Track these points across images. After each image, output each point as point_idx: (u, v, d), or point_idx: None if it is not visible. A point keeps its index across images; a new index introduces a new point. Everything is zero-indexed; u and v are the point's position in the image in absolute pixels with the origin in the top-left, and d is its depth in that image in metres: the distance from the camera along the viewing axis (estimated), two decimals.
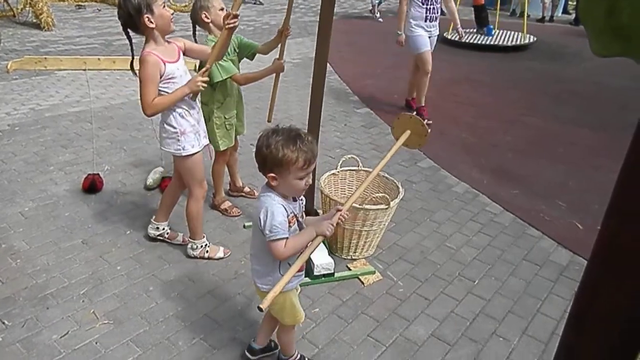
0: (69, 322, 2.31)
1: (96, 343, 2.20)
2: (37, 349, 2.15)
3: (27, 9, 8.45)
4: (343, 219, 1.81)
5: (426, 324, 2.43)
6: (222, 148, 3.08)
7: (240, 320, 2.39)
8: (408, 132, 2.36)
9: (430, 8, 4.85)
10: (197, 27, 2.96)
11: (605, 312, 0.95)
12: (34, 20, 8.32)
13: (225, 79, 2.86)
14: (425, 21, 4.89)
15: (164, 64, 2.36)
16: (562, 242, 3.15)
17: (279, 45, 3.02)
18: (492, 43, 8.57)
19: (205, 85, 2.47)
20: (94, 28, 8.56)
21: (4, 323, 2.28)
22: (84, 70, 6.16)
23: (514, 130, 5.08)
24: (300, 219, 1.81)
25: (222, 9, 2.83)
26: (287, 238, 1.68)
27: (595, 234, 0.88)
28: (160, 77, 2.38)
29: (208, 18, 2.82)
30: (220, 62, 2.77)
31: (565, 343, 1.07)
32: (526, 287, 2.74)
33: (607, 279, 0.96)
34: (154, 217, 2.89)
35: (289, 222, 1.71)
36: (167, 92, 2.42)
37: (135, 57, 2.45)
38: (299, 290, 2.01)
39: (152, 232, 2.88)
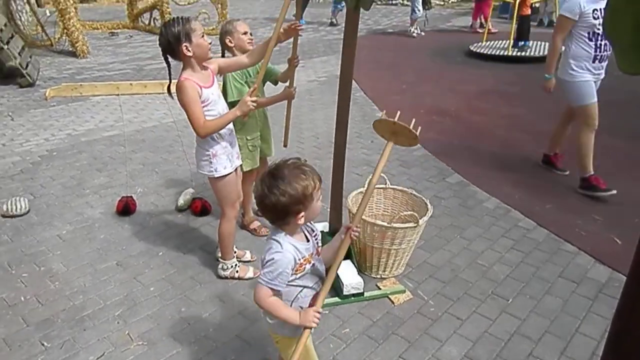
0: (104, 344, 2.36)
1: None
2: None
3: (63, 37, 8.85)
4: (355, 236, 1.75)
5: (459, 344, 2.37)
6: (245, 169, 3.10)
7: (270, 341, 2.37)
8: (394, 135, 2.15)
9: (601, 45, 3.67)
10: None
11: None
12: (70, 49, 8.70)
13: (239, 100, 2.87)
14: (594, 62, 3.72)
15: (201, 88, 2.44)
16: (599, 257, 3.05)
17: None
18: (520, 54, 8.45)
19: (255, 104, 2.49)
20: (126, 54, 8.88)
21: (43, 345, 2.35)
22: (117, 95, 6.39)
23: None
24: (316, 257, 1.72)
25: (245, 33, 2.90)
26: (278, 291, 1.62)
27: (634, 249, 0.86)
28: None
29: (232, 42, 2.90)
30: (235, 83, 2.88)
31: (615, 330, 1.03)
32: (563, 305, 2.65)
33: None
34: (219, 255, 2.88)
35: (302, 264, 1.64)
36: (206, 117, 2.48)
37: (172, 82, 2.55)
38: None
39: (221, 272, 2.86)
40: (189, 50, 2.39)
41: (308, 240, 1.71)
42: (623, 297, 1.05)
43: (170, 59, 2.49)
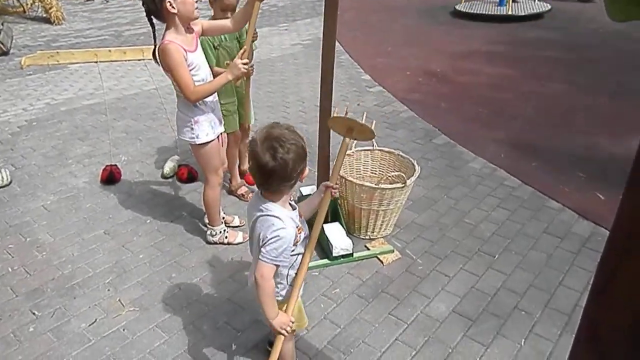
0: (96, 311, 2.37)
1: (123, 330, 2.26)
2: (67, 337, 2.22)
3: (36, 4, 8.50)
4: (335, 194, 1.75)
5: (447, 300, 2.43)
6: (227, 130, 2.98)
7: None
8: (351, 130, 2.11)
9: None
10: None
11: (629, 285, 0.94)
12: (44, 15, 8.37)
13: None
14: None
15: (186, 52, 2.35)
16: (583, 213, 3.11)
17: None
18: (504, 13, 8.35)
19: (246, 68, 2.39)
20: (103, 20, 8.57)
21: (34, 314, 2.35)
22: (96, 62, 6.20)
23: (531, 102, 4.98)
24: (302, 220, 1.71)
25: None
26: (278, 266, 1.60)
27: (617, 204, 0.86)
28: None
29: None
30: (209, 49, 2.78)
31: (588, 316, 1.06)
32: (547, 260, 2.71)
33: (629, 251, 0.94)
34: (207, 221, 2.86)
35: (297, 235, 1.62)
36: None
37: (157, 45, 2.43)
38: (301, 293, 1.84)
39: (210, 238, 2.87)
40: (173, 7, 2.27)
41: (294, 208, 1.69)
42: (606, 251, 1.07)
43: (155, 21, 2.38)
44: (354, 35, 7.51)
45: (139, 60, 6.22)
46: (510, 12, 8.32)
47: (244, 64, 2.36)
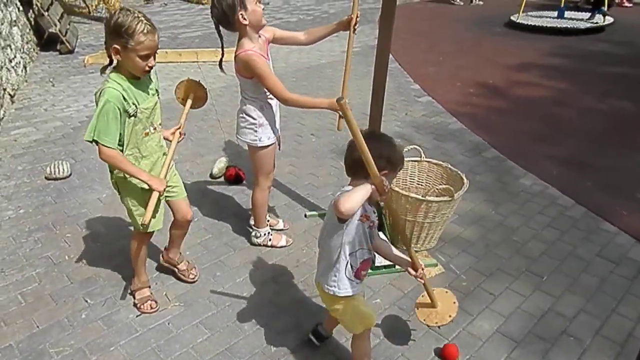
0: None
1: (168, 324, 2.33)
2: (116, 326, 2.31)
3: (100, 5, 8.94)
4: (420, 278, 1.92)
5: (491, 319, 2.37)
6: (145, 230, 2.27)
7: (302, 307, 2.44)
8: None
9: None
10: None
11: None
12: (107, 16, 8.80)
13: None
14: None
15: (266, 60, 2.44)
16: None
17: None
18: (562, 26, 8.07)
19: (346, 104, 2.48)
20: (160, 22, 8.90)
21: (86, 301, 2.46)
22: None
23: (590, 118, 4.79)
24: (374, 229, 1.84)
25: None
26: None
27: None
28: None
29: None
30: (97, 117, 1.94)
31: None
32: (600, 285, 2.59)
33: None
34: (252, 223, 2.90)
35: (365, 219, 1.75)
36: None
37: (224, 55, 2.50)
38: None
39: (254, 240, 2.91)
40: (245, 19, 2.33)
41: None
42: None
43: (222, 30, 2.42)
44: (404, 44, 7.47)
45: (193, 62, 6.42)
46: (567, 25, 8.04)
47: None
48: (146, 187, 2.12)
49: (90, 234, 3.00)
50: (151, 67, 1.98)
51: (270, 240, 2.88)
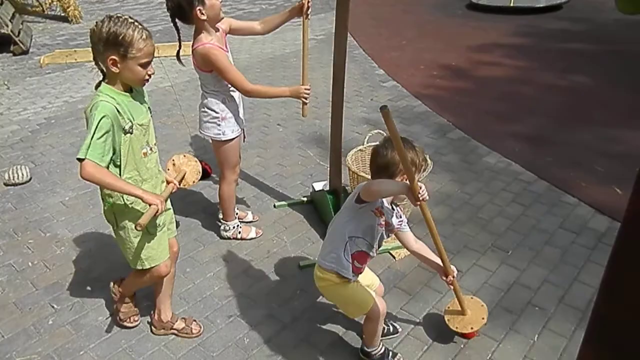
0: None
1: (139, 323, 2.30)
2: (85, 330, 2.27)
3: (54, 3, 8.64)
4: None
5: None
6: (150, 264, 2.03)
7: (274, 298, 2.44)
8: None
9: None
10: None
11: (638, 280, 0.94)
12: (62, 14, 8.51)
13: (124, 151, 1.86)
14: None
15: (225, 53, 2.42)
16: (600, 208, 3.06)
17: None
18: (521, 5, 8.21)
19: (308, 94, 2.53)
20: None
21: (53, 307, 2.41)
22: None
23: (550, 95, 4.90)
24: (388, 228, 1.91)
25: (146, 61, 1.82)
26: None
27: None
28: None
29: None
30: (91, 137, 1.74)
31: (598, 312, 1.06)
32: (562, 255, 2.68)
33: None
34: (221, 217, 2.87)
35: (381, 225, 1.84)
36: None
37: (182, 47, 2.48)
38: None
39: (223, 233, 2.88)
40: (202, 14, 2.30)
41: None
42: (617, 246, 1.07)
43: (178, 23, 2.39)
44: (368, 30, 7.48)
45: (155, 57, 6.28)
46: (527, 4, 8.18)
47: (307, 89, 2.48)
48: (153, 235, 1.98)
49: (54, 238, 2.93)
50: (151, 76, 1.84)
51: (239, 233, 2.87)
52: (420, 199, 1.65)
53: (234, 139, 2.61)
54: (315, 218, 3.05)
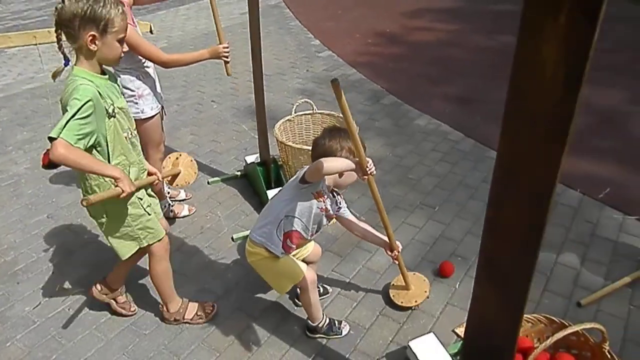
0: (40, 293, 2.36)
1: (69, 309, 2.27)
2: (11, 321, 2.21)
3: None
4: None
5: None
6: (147, 242, 2.00)
7: (208, 272, 2.46)
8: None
9: None
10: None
11: (512, 214, 1.05)
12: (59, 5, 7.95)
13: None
14: None
15: (134, 28, 2.32)
16: None
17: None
18: None
19: (227, 53, 2.47)
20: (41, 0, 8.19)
21: None
22: (36, 44, 5.95)
23: (479, 56, 5.04)
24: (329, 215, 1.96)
25: (123, 37, 1.74)
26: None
27: None
28: None
29: (95, 44, 1.67)
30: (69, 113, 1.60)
31: (484, 253, 1.19)
32: (484, 207, 2.80)
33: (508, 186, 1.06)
34: None
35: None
36: None
37: None
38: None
39: None
40: None
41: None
42: (491, 190, 1.19)
43: None
44: (304, 1, 7.40)
45: None
46: None
47: (225, 47, 2.43)
48: (150, 215, 1.94)
49: None
50: (124, 52, 1.77)
51: (172, 212, 2.84)
52: (369, 172, 1.71)
53: (153, 116, 2.55)
54: (249, 191, 3.06)
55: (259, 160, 3.04)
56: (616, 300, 2.17)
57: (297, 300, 2.24)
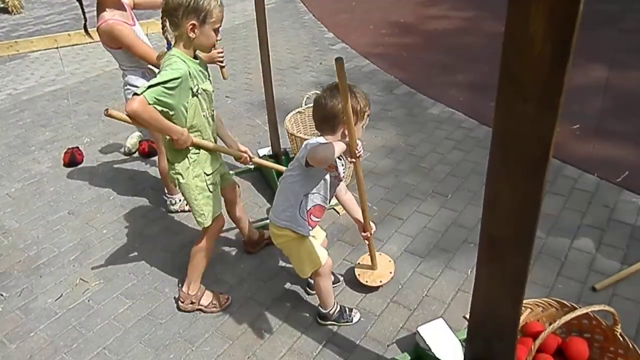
0: (62, 286, 2.45)
1: (89, 301, 2.34)
2: (34, 312, 2.30)
3: None
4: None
5: (399, 241, 2.51)
6: (208, 222, 2.10)
7: (222, 264, 2.50)
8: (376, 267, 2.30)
9: None
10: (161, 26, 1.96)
11: (510, 198, 1.05)
12: (2, 5, 8.18)
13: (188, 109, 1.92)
14: None
15: (131, 27, 2.38)
16: None
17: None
18: None
19: (222, 57, 2.43)
20: (62, 4, 8.38)
21: (2, 295, 2.43)
22: (57, 48, 6.11)
23: (493, 43, 4.94)
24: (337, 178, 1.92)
25: (218, 27, 1.89)
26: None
27: (575, 139, 0.95)
28: None
29: (195, 32, 1.83)
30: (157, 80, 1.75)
31: (486, 229, 1.19)
32: None
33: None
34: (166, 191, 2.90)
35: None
36: None
37: (88, 20, 2.51)
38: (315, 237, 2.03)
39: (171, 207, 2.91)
40: None
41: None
42: (488, 168, 1.19)
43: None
44: None
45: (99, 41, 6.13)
46: None
47: (219, 52, 2.41)
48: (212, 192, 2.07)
49: (1, 229, 2.91)
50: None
51: (187, 204, 2.89)
52: (357, 155, 1.72)
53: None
54: (262, 184, 3.10)
55: (270, 153, 3.07)
56: (632, 285, 2.12)
57: (308, 289, 2.26)
